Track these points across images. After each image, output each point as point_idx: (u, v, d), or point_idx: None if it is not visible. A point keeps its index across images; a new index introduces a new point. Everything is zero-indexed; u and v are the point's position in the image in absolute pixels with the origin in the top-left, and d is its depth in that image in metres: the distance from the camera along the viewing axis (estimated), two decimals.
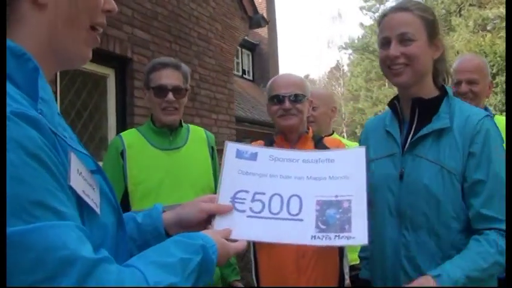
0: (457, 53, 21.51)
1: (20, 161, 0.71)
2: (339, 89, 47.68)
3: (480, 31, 22.12)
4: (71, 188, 0.80)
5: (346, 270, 2.35)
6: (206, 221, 1.17)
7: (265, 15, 16.81)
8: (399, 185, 1.73)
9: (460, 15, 23.25)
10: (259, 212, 1.13)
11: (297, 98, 2.37)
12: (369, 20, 32.36)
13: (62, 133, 0.87)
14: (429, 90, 1.80)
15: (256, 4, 16.68)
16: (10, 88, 0.79)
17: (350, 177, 1.13)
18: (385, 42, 1.77)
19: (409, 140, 1.76)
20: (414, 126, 1.77)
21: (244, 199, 1.16)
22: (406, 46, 1.71)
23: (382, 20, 1.81)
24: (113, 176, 2.37)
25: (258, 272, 2.34)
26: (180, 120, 2.57)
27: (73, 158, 0.85)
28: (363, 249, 2.11)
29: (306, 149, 2.37)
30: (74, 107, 4.73)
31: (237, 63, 16.69)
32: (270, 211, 1.12)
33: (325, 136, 3.13)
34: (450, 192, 1.63)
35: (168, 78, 2.45)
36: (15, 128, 0.73)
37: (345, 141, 3.28)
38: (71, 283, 0.70)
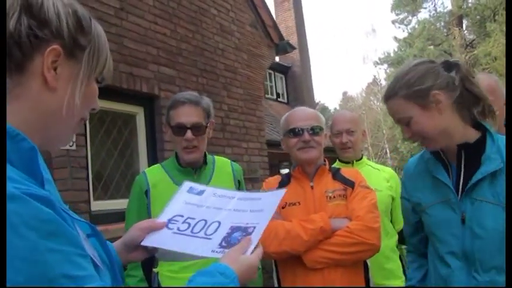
0: (495, 59, 20.98)
1: (40, 242, 0.76)
2: (378, 103, 47.01)
3: None
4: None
5: None
6: (142, 236, 1.32)
7: (295, 37, 17.00)
8: (462, 229, 1.75)
9: (495, 21, 22.72)
10: (183, 231, 1.30)
11: (315, 131, 2.40)
12: (402, 33, 32.02)
13: (64, 207, 0.92)
14: (468, 134, 1.80)
15: (287, 27, 17.02)
16: (10, 169, 0.81)
17: (263, 210, 1.30)
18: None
19: (461, 184, 1.77)
20: (463, 170, 1.79)
21: (177, 221, 1.34)
22: (409, 126, 1.80)
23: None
24: (138, 213, 2.42)
25: None
26: (205, 157, 2.55)
27: (79, 231, 0.92)
28: (413, 277, 2.11)
29: (325, 181, 2.41)
30: (104, 147, 4.90)
31: (271, 86, 16.82)
32: (191, 231, 1.29)
33: (357, 161, 3.18)
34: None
35: (187, 115, 2.40)
36: (32, 204, 0.77)
37: (376, 165, 3.26)
38: None
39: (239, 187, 2.62)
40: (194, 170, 2.50)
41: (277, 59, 15.81)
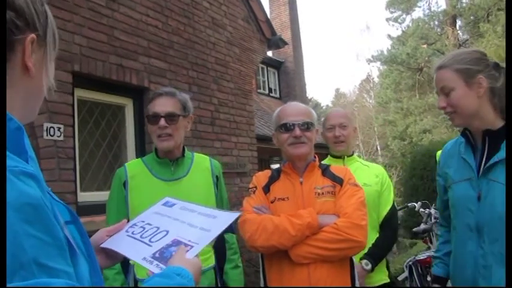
0: None
1: (19, 225, 0.77)
2: (370, 101, 47.19)
3: None
4: (66, 236, 0.88)
5: None
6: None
7: (289, 33, 16.99)
8: (478, 205, 2.01)
9: (488, 21, 22.78)
10: (135, 234, 1.36)
11: (306, 126, 2.40)
12: (395, 31, 32.06)
13: (47, 188, 0.93)
14: (493, 121, 2.04)
15: (281, 22, 17.00)
16: None
17: (210, 231, 1.32)
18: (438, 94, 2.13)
19: (482, 165, 2.02)
20: (485, 154, 2.03)
21: (136, 225, 1.42)
22: (449, 97, 2.05)
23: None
24: (117, 205, 2.49)
25: None
26: (183, 150, 2.61)
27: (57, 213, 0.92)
28: (439, 249, 2.40)
29: (314, 177, 2.42)
30: (92, 138, 4.87)
31: (263, 81, 16.83)
32: (141, 235, 1.35)
33: (348, 156, 3.21)
34: None
35: (162, 105, 2.49)
36: (17, 185, 0.79)
37: (366, 162, 3.28)
38: None
39: (217, 182, 2.66)
40: (172, 162, 2.54)
41: (270, 54, 15.82)
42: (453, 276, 2.21)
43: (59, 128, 4.17)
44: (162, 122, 2.46)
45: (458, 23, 27.41)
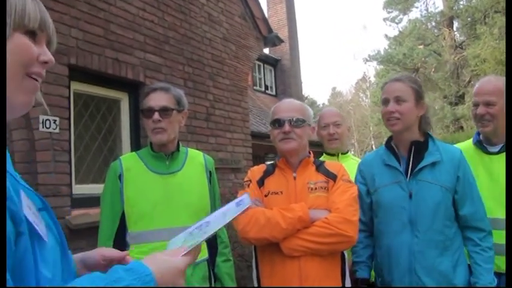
0: (483, 61, 21.15)
1: None
2: (366, 100, 47.27)
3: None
4: (25, 217, 0.89)
5: None
6: (105, 266, 1.22)
7: (286, 31, 17.01)
8: (409, 202, 2.40)
9: (485, 23, 22.83)
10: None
11: (296, 123, 2.42)
12: (392, 31, 32.09)
13: (13, 172, 0.94)
14: (417, 135, 2.51)
15: (278, 20, 17.02)
16: None
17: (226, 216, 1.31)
18: (385, 101, 2.50)
19: (409, 169, 2.44)
20: (411, 160, 2.46)
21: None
22: (400, 105, 2.43)
23: (384, 86, 2.56)
24: (112, 198, 2.51)
25: None
26: (178, 145, 2.64)
27: (23, 195, 0.93)
28: (360, 254, 2.62)
29: (308, 173, 2.45)
30: (88, 131, 4.89)
31: (259, 78, 16.85)
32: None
33: (342, 154, 3.29)
34: (446, 201, 2.39)
35: (156, 100, 2.54)
36: None
37: (357, 159, 3.34)
38: None
39: (210, 177, 2.71)
40: (167, 156, 2.58)
41: (267, 51, 15.84)
42: (388, 267, 2.48)
43: (54, 121, 4.19)
44: (156, 115, 2.50)
45: (455, 24, 27.47)
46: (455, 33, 27.65)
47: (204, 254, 2.56)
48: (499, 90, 2.64)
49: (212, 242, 2.68)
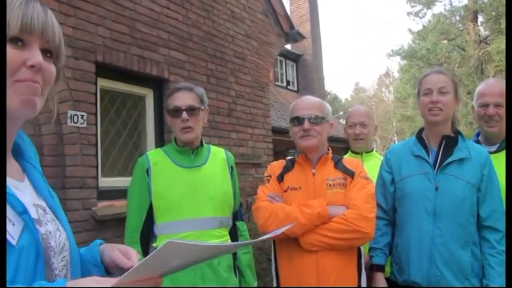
0: None
1: None
2: (389, 96, 46.84)
3: None
4: None
5: (364, 285, 2.48)
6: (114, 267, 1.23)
7: (308, 26, 16.98)
8: (435, 194, 2.48)
9: None
10: None
11: (315, 120, 2.49)
12: (416, 26, 31.73)
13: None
14: (449, 130, 2.62)
15: (300, 15, 16.99)
16: None
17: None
18: (427, 92, 2.57)
19: (438, 162, 2.53)
20: (440, 153, 2.55)
21: None
22: (444, 96, 2.53)
23: (425, 77, 2.64)
24: (140, 191, 2.61)
25: (279, 285, 2.49)
26: (201, 140, 2.74)
27: None
28: (378, 241, 2.67)
29: (326, 169, 2.51)
30: (113, 126, 5.04)
31: (281, 74, 16.84)
32: None
33: (366, 153, 3.36)
34: (471, 198, 2.47)
35: (182, 99, 2.62)
36: None
37: (382, 158, 3.39)
38: None
39: (232, 172, 2.80)
40: (191, 150, 2.67)
41: (289, 47, 15.81)
42: (408, 255, 2.55)
43: (82, 116, 4.34)
44: (185, 115, 2.59)
45: (480, 18, 27.01)
46: (480, 27, 27.21)
47: None
48: (503, 93, 2.81)
49: (234, 235, 2.78)
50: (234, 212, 2.78)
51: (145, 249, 2.56)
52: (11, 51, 0.99)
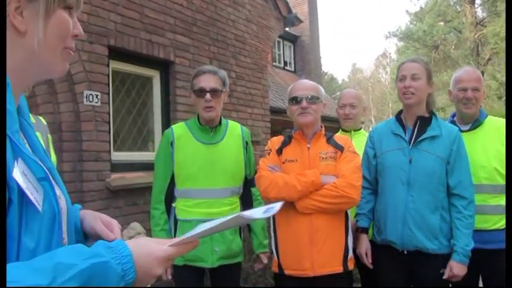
0: (503, 39, 21.03)
1: None
2: (386, 77, 46.82)
3: None
4: (17, 184, 0.86)
5: (350, 245, 2.82)
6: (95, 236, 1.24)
7: (306, 7, 17.01)
8: (409, 166, 2.81)
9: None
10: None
11: (312, 99, 2.81)
12: (414, 7, 31.63)
13: (18, 140, 0.92)
14: (423, 111, 2.94)
15: None
16: None
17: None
18: (402, 78, 2.91)
19: (412, 139, 2.85)
20: (415, 131, 2.88)
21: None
22: (415, 82, 2.86)
23: (402, 65, 2.99)
24: (164, 161, 3.00)
25: (277, 243, 2.81)
26: (220, 118, 3.04)
27: (20, 162, 0.91)
28: (363, 208, 3.01)
29: (320, 144, 2.83)
30: (124, 105, 5.41)
31: (279, 54, 16.72)
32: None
33: (355, 131, 3.71)
34: (441, 170, 2.78)
35: (206, 82, 2.92)
36: None
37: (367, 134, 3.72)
38: None
39: (247, 147, 3.12)
40: (211, 128, 3.01)
41: (286, 28, 15.91)
42: (385, 219, 2.90)
43: (96, 95, 4.71)
44: (208, 96, 2.89)
45: (477, 0, 27.12)
46: (477, 9, 27.29)
47: (237, 210, 2.97)
48: (480, 79, 3.23)
49: (246, 199, 3.12)
50: (250, 179, 3.11)
51: (168, 207, 2.97)
52: (67, 19, 1.03)
